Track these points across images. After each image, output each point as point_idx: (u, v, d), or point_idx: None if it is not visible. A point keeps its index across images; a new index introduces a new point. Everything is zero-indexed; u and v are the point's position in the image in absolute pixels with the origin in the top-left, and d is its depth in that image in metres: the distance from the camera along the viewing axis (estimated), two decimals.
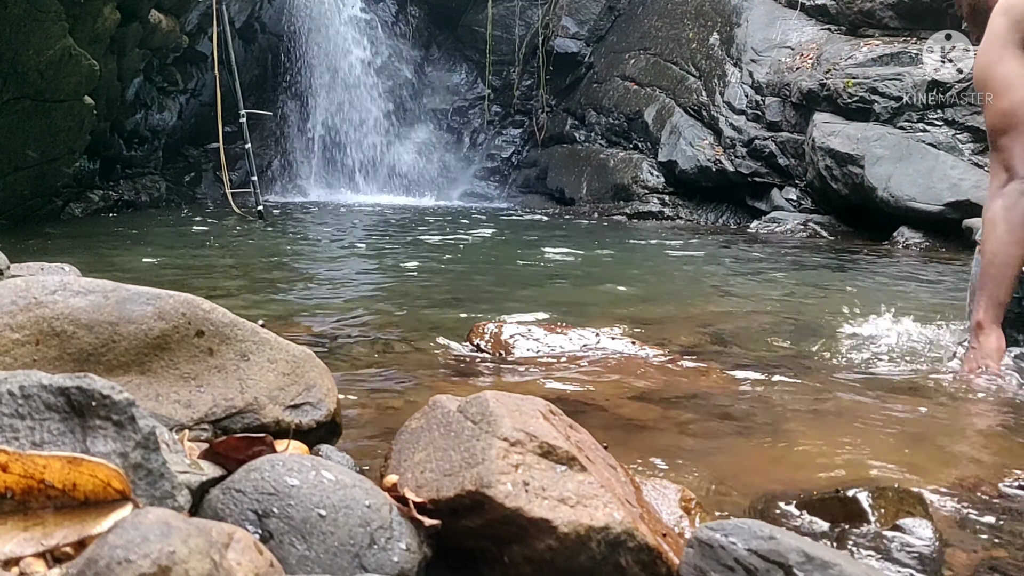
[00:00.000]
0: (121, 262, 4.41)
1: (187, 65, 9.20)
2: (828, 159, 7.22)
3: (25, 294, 1.12)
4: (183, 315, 1.15)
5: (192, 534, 0.65)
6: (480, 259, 5.29)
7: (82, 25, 5.86)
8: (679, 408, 1.80)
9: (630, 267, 4.52)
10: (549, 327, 2.37)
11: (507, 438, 0.95)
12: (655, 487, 1.16)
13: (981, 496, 1.32)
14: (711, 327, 2.84)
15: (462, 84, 12.53)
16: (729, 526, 0.86)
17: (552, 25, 11.50)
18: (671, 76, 9.68)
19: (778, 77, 8.22)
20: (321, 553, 0.83)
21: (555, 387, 1.94)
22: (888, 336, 2.69)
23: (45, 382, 0.82)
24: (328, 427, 1.20)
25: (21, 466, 0.73)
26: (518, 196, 11.37)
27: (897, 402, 1.89)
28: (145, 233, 6.24)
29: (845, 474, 1.40)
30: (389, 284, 3.92)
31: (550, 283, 4.04)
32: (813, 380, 2.10)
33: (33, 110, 5.72)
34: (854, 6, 8.01)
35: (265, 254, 5.17)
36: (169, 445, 0.95)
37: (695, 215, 8.78)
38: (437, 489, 0.94)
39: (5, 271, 1.76)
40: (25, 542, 0.71)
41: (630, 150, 9.82)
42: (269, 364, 1.18)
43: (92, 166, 7.65)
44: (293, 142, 11.57)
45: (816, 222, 7.47)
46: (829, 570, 0.80)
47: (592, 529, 0.88)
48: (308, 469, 0.89)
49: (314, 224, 7.53)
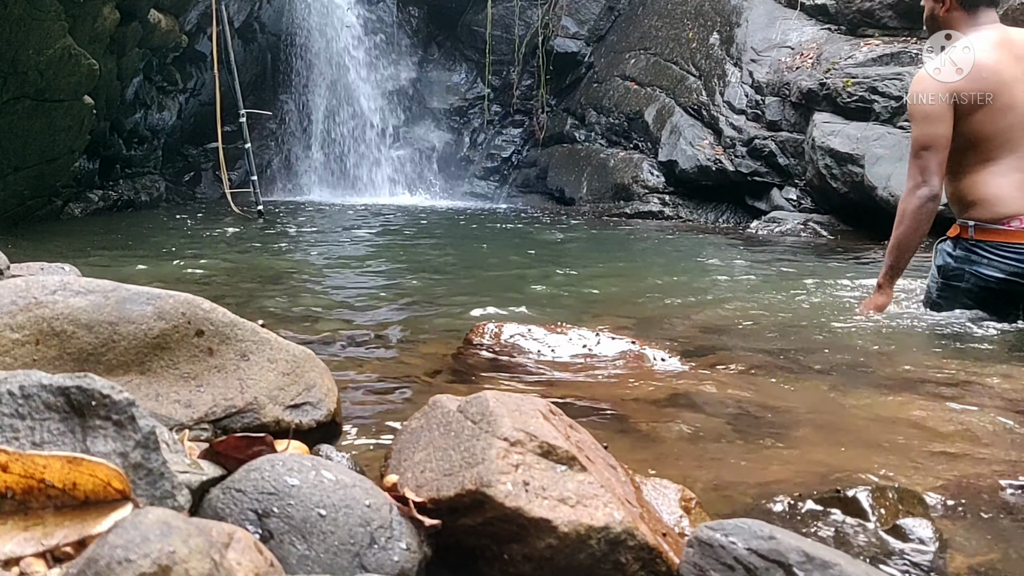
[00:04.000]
0: (121, 262, 4.41)
1: (186, 65, 9.20)
2: (828, 158, 7.22)
3: (25, 294, 1.12)
4: (183, 315, 1.15)
5: (192, 534, 0.65)
6: (480, 259, 5.29)
7: (82, 25, 5.86)
8: (679, 408, 1.80)
9: (631, 267, 4.52)
10: (549, 327, 2.37)
11: (507, 438, 0.95)
12: (655, 487, 1.16)
13: (981, 496, 1.32)
14: (712, 326, 2.84)
15: (462, 84, 12.53)
16: (729, 526, 0.86)
17: (552, 25, 11.50)
18: (671, 76, 9.68)
19: (778, 77, 8.22)
20: (321, 553, 0.83)
21: (555, 387, 1.94)
22: (888, 335, 2.69)
23: (45, 382, 0.82)
24: (328, 427, 1.20)
25: (21, 466, 0.73)
26: (518, 196, 11.37)
27: (898, 401, 1.89)
28: (145, 233, 6.24)
29: (845, 474, 1.40)
30: (389, 283, 3.92)
31: (550, 283, 4.04)
32: (814, 379, 2.10)
33: (33, 110, 5.72)
34: (854, 6, 8.00)
35: (265, 254, 5.17)
36: (169, 445, 0.95)
37: (695, 215, 8.78)
38: (437, 489, 0.94)
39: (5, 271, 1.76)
40: (25, 542, 0.71)
41: (630, 150, 9.82)
42: (269, 364, 1.18)
43: (91, 166, 7.65)
44: (292, 142, 11.57)
45: (816, 222, 7.47)
46: (829, 570, 0.80)
47: (592, 529, 0.88)
48: (308, 469, 0.89)
49: (314, 224, 7.53)
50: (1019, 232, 2.65)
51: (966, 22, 2.79)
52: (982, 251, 2.72)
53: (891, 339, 2.65)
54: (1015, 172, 2.68)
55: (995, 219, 2.69)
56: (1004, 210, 2.67)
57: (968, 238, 2.76)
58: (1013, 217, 2.66)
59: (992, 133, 2.69)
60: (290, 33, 11.32)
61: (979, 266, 2.73)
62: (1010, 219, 2.66)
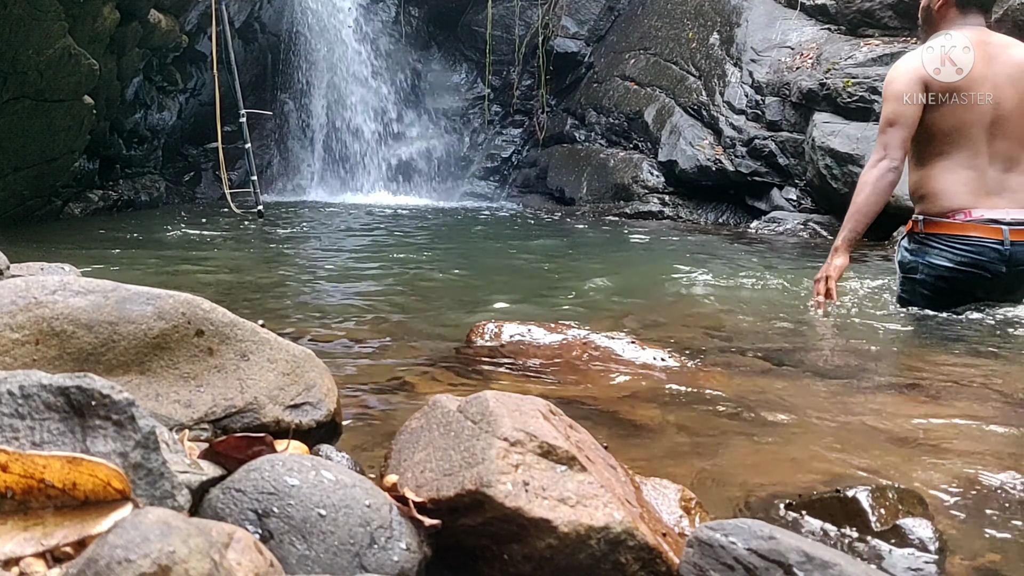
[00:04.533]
0: (120, 262, 4.41)
1: (187, 65, 9.19)
2: (828, 158, 7.22)
3: (25, 294, 1.12)
4: (183, 315, 1.15)
5: (192, 534, 0.65)
6: (480, 259, 5.29)
7: (82, 25, 5.86)
8: (679, 408, 1.80)
9: (630, 267, 4.52)
10: (549, 327, 2.37)
11: (507, 438, 0.95)
12: (655, 487, 1.16)
13: (981, 495, 1.32)
14: (712, 326, 2.84)
15: (462, 84, 12.52)
16: (729, 526, 0.86)
17: (552, 25, 11.49)
18: (671, 76, 9.68)
19: (778, 77, 8.22)
20: (321, 553, 0.83)
21: (555, 387, 1.94)
22: (888, 335, 2.69)
23: (45, 382, 0.82)
24: (328, 427, 1.20)
25: (21, 466, 0.73)
26: (518, 196, 11.37)
27: (898, 401, 1.89)
28: (144, 232, 6.24)
29: (845, 474, 1.40)
30: (389, 284, 3.92)
31: (550, 283, 4.04)
32: (814, 379, 2.10)
33: (33, 110, 5.71)
34: (854, 6, 8.00)
35: (265, 254, 5.17)
36: (169, 445, 0.95)
37: (695, 215, 8.77)
38: (437, 489, 0.94)
39: (5, 271, 1.76)
40: (25, 542, 0.71)
41: (630, 150, 9.82)
42: (269, 364, 1.18)
43: (91, 166, 7.65)
44: (292, 142, 11.56)
45: (816, 222, 7.46)
46: (829, 570, 0.80)
47: (592, 529, 0.88)
48: (308, 469, 0.89)
49: (314, 224, 7.53)
50: (963, 225, 2.80)
51: (956, 20, 2.93)
52: (932, 243, 2.88)
53: (891, 339, 2.65)
54: (965, 168, 2.81)
55: (942, 212, 2.85)
56: (950, 204, 2.82)
57: (919, 232, 2.93)
58: (958, 211, 2.81)
59: (950, 128, 2.82)
60: (290, 33, 11.32)
61: (931, 257, 2.88)
62: (955, 212, 2.81)
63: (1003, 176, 2.81)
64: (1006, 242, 2.75)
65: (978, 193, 2.80)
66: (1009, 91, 2.81)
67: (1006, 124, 2.81)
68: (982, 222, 2.78)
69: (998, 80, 2.81)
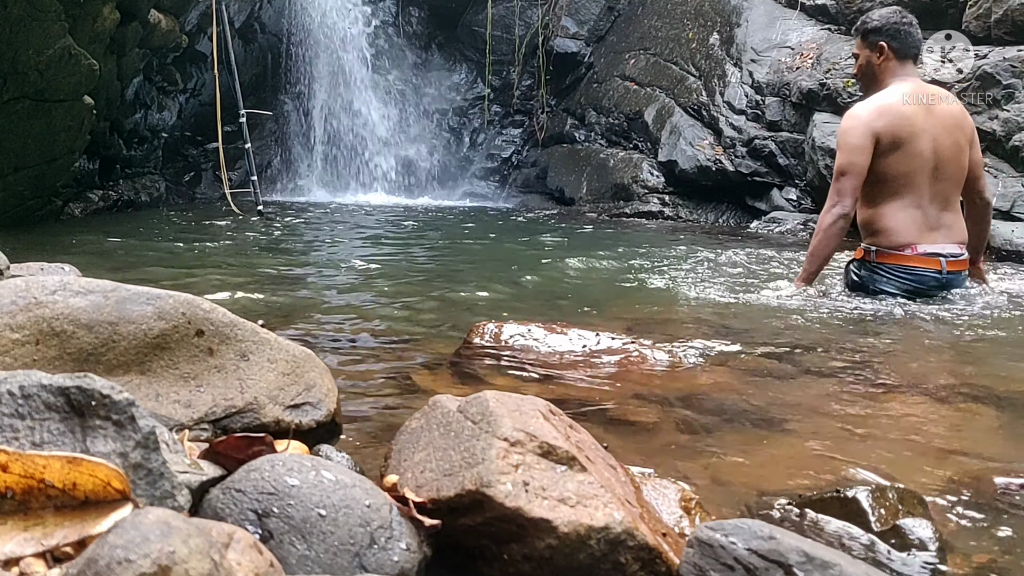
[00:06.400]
0: (120, 261, 4.41)
1: (187, 65, 9.19)
2: (828, 159, 7.21)
3: (25, 294, 1.12)
4: (183, 315, 1.15)
5: (192, 534, 0.65)
6: (480, 259, 5.29)
7: (82, 25, 5.86)
8: (679, 408, 1.80)
9: (630, 267, 4.52)
10: (549, 327, 2.37)
11: (507, 438, 0.95)
12: (655, 487, 1.16)
13: (982, 495, 1.32)
14: (712, 327, 2.84)
15: (462, 84, 12.52)
16: (729, 526, 0.86)
17: (552, 25, 11.49)
18: (671, 76, 9.67)
19: (778, 77, 8.21)
20: (321, 553, 0.83)
21: (555, 387, 1.94)
22: (888, 336, 2.69)
23: (45, 382, 0.82)
24: (328, 427, 1.20)
25: (21, 466, 0.73)
26: (518, 196, 11.36)
27: (899, 401, 1.89)
28: (145, 232, 6.24)
29: (845, 474, 1.40)
30: (389, 284, 3.92)
31: (550, 282, 4.04)
32: (814, 379, 2.10)
33: (33, 110, 5.71)
34: (854, 6, 8.00)
35: (265, 254, 5.17)
36: (169, 445, 0.95)
37: (695, 215, 8.77)
38: (437, 489, 0.94)
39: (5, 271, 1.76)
40: (25, 542, 0.71)
41: (630, 150, 9.81)
42: (269, 364, 1.18)
43: (91, 166, 7.64)
44: (293, 142, 11.55)
45: (816, 222, 7.46)
46: (829, 570, 0.80)
47: (592, 529, 0.88)
48: (308, 469, 0.89)
49: (314, 224, 7.53)
50: (913, 257, 3.23)
51: (897, 72, 3.35)
52: (881, 272, 3.29)
53: (891, 339, 2.65)
54: (913, 208, 3.24)
55: (892, 246, 3.26)
56: (899, 240, 3.24)
57: (871, 261, 3.33)
58: (907, 245, 3.23)
59: (899, 173, 3.22)
60: (290, 33, 11.31)
61: (880, 284, 3.29)
62: (904, 247, 3.24)
63: (940, 214, 3.25)
64: (944, 271, 3.20)
65: (923, 230, 3.23)
66: (946, 140, 3.23)
67: (944, 169, 3.23)
68: (925, 255, 3.21)
69: (936, 131, 3.22)
